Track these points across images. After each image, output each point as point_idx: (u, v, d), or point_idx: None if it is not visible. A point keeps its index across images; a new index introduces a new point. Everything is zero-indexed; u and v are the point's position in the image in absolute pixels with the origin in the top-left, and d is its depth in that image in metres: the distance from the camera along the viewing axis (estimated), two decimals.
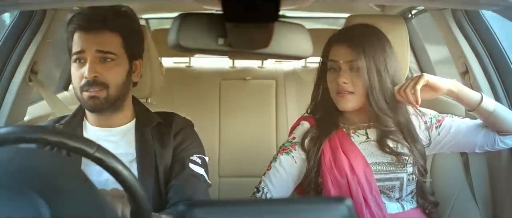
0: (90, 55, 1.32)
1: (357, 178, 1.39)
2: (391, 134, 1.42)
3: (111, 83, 1.33)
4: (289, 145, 1.48)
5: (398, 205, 1.45)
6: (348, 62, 1.39)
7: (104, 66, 1.33)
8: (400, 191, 1.43)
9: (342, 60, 1.40)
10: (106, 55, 1.33)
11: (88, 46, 1.32)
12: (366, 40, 1.40)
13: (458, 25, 1.77)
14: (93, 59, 1.32)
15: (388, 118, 1.40)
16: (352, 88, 1.39)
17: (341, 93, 1.40)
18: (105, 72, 1.32)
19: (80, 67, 1.33)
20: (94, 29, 1.33)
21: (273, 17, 0.93)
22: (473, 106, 1.40)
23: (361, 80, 1.38)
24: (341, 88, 1.39)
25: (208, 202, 1.01)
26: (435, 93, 1.39)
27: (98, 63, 1.32)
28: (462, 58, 1.77)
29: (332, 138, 1.45)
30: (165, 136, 1.40)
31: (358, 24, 1.51)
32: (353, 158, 1.41)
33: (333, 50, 1.43)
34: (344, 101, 1.40)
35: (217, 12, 0.98)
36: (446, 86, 1.38)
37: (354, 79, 1.39)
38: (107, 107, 1.35)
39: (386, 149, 1.42)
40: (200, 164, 1.38)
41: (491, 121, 1.42)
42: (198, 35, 1.00)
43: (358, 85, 1.39)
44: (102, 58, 1.32)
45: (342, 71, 1.40)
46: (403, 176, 1.43)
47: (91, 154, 0.76)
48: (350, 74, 1.39)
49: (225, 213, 0.67)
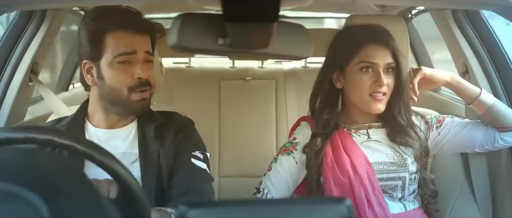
0: (141, 56, 1.32)
1: (359, 178, 1.39)
2: (401, 131, 1.43)
3: (153, 84, 1.36)
4: (289, 145, 1.48)
5: (400, 205, 1.45)
6: (386, 64, 1.39)
7: (148, 66, 1.34)
8: (403, 190, 1.44)
9: (381, 62, 1.39)
10: (150, 57, 1.35)
11: (138, 46, 1.31)
12: (394, 42, 1.41)
13: (458, 25, 1.77)
14: (144, 60, 1.32)
15: (401, 116, 1.42)
16: (386, 89, 1.40)
17: (376, 96, 1.39)
18: (150, 73, 1.34)
19: (128, 67, 1.31)
20: (137, 29, 1.32)
21: (273, 17, 0.93)
22: (471, 98, 1.42)
23: (393, 82, 1.40)
24: (378, 90, 1.39)
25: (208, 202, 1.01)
26: (433, 86, 1.41)
27: (145, 64, 1.33)
28: (462, 58, 1.77)
29: (333, 138, 1.45)
30: (167, 135, 1.40)
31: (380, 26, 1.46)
32: (355, 157, 1.41)
33: (369, 50, 1.40)
34: (378, 104, 1.40)
35: (217, 12, 0.98)
36: (444, 78, 1.42)
37: (388, 81, 1.39)
38: (148, 108, 1.38)
39: (397, 142, 1.43)
40: (202, 159, 1.38)
41: (490, 115, 1.43)
42: (198, 35, 1.00)
43: (390, 87, 1.40)
44: (147, 60, 1.34)
45: (380, 73, 1.38)
46: (405, 175, 1.43)
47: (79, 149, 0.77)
48: (385, 76, 1.39)
49: (225, 213, 0.67)
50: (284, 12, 2.03)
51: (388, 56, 1.39)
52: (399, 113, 1.42)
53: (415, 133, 1.45)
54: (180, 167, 1.35)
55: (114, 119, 1.38)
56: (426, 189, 1.49)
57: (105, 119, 1.38)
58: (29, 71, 1.79)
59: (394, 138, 1.44)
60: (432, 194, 1.50)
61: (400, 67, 1.39)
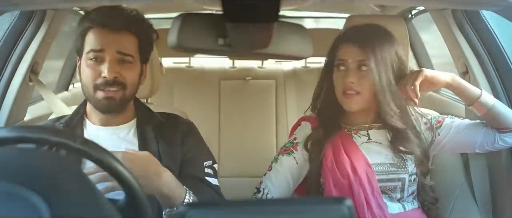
0: (110, 55, 1.30)
1: (359, 179, 1.39)
2: (400, 134, 1.42)
3: (129, 85, 1.33)
4: (290, 145, 1.48)
5: (399, 205, 1.45)
6: (357, 61, 1.38)
7: (122, 67, 1.32)
8: (402, 191, 1.43)
9: (351, 59, 1.38)
10: (125, 57, 1.32)
11: (108, 45, 1.30)
12: (376, 41, 1.39)
13: (458, 25, 1.77)
14: (113, 59, 1.30)
15: (397, 118, 1.40)
16: (359, 88, 1.38)
17: (347, 94, 1.39)
18: (123, 73, 1.32)
19: (96, 65, 1.31)
20: (115, 28, 1.31)
21: (273, 17, 0.93)
22: (472, 100, 1.42)
23: (368, 81, 1.37)
24: (348, 88, 1.38)
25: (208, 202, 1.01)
26: (433, 87, 1.40)
27: (116, 63, 1.31)
28: (462, 58, 1.77)
29: (334, 138, 1.45)
30: (169, 136, 1.40)
31: (368, 24, 1.48)
32: (355, 158, 1.41)
33: (342, 49, 1.41)
34: (350, 102, 1.40)
35: (217, 12, 0.98)
36: (445, 80, 1.40)
37: (362, 79, 1.38)
38: (119, 109, 1.35)
39: (398, 149, 1.42)
40: (213, 175, 1.40)
41: (490, 116, 1.43)
42: (198, 35, 1.00)
43: (365, 86, 1.38)
44: (120, 60, 1.32)
45: (350, 71, 1.38)
46: (404, 176, 1.43)
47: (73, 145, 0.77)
48: (358, 74, 1.38)
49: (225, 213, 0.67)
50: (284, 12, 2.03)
51: (360, 54, 1.37)
52: (387, 115, 1.39)
53: (417, 135, 1.44)
54: (195, 184, 1.32)
55: (111, 116, 1.38)
56: (426, 196, 1.49)
57: (99, 115, 1.38)
58: (29, 71, 1.79)
59: (395, 145, 1.43)
60: (432, 201, 1.50)
61: (372, 66, 1.36)
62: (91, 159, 0.79)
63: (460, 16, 1.76)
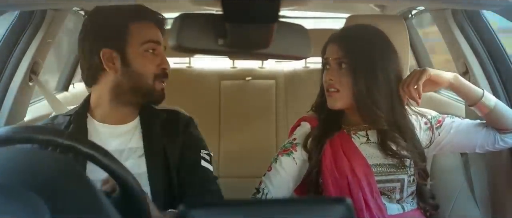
0: (162, 49, 1.37)
1: (357, 179, 1.39)
2: (388, 135, 1.41)
3: None
4: (289, 145, 1.48)
5: (398, 206, 1.45)
6: (335, 59, 1.40)
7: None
8: (401, 192, 1.43)
9: (331, 57, 1.41)
10: (164, 51, 1.39)
11: (161, 39, 1.37)
12: (359, 40, 1.41)
13: (458, 25, 1.77)
14: (163, 52, 1.38)
15: (380, 119, 1.39)
16: (338, 86, 1.39)
17: (329, 91, 1.41)
18: (169, 65, 1.40)
19: (154, 57, 1.35)
20: (158, 25, 1.38)
21: (273, 17, 0.93)
22: (474, 100, 1.41)
23: (347, 79, 1.38)
24: (329, 85, 1.41)
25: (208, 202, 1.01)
26: (436, 87, 1.40)
27: (164, 55, 1.38)
28: (462, 58, 1.77)
29: (333, 139, 1.45)
30: (173, 132, 1.41)
31: (357, 25, 1.51)
32: (354, 159, 1.41)
33: (327, 48, 1.45)
34: (330, 99, 1.42)
35: (217, 12, 0.98)
36: (448, 79, 1.39)
37: (341, 77, 1.39)
38: None
39: (387, 151, 1.41)
40: (209, 161, 1.42)
41: (491, 117, 1.42)
42: (198, 36, 1.00)
43: (344, 84, 1.39)
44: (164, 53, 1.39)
45: (330, 68, 1.41)
46: (404, 177, 1.42)
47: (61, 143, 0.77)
48: (338, 73, 1.40)
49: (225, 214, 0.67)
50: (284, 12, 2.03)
51: (338, 53, 1.40)
52: (370, 115, 1.39)
53: (412, 136, 1.43)
54: (192, 167, 1.38)
55: (120, 112, 1.38)
56: (426, 204, 1.49)
57: (110, 112, 1.38)
58: (29, 71, 1.80)
59: (384, 145, 1.42)
60: (433, 207, 1.50)
61: (351, 64, 1.37)
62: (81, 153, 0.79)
63: (460, 16, 1.76)
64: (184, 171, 1.37)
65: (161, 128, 1.40)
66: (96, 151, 0.79)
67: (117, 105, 1.38)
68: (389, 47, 1.42)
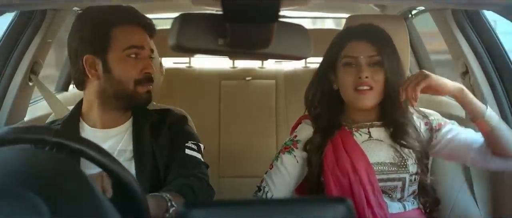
0: (147, 52, 1.36)
1: (359, 178, 1.38)
2: (403, 131, 1.42)
3: (154, 79, 1.39)
4: (290, 143, 1.48)
5: (399, 205, 1.45)
6: (368, 57, 1.39)
7: (152, 63, 1.38)
8: (402, 191, 1.43)
9: (362, 55, 1.39)
10: (152, 54, 1.39)
11: (145, 43, 1.35)
12: (384, 38, 1.43)
13: (458, 25, 1.77)
14: (148, 56, 1.36)
15: (400, 113, 1.41)
16: (373, 83, 1.39)
17: (360, 90, 1.39)
18: (153, 69, 1.38)
19: (136, 61, 1.34)
20: (144, 27, 1.36)
21: (273, 17, 0.93)
22: (475, 115, 1.35)
23: (380, 76, 1.39)
24: (363, 83, 1.38)
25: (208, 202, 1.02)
26: (437, 94, 1.39)
27: (149, 60, 1.37)
28: (462, 58, 1.77)
29: (334, 137, 1.44)
30: (161, 132, 1.41)
31: (369, 24, 1.48)
32: (355, 157, 1.41)
33: (351, 46, 1.42)
34: (364, 98, 1.39)
35: (217, 12, 0.98)
36: (450, 92, 1.35)
37: (374, 74, 1.39)
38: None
39: (399, 143, 1.42)
40: (196, 150, 1.40)
41: (492, 136, 1.36)
42: (198, 36, 1.00)
43: (377, 81, 1.39)
44: (150, 57, 1.38)
45: (363, 66, 1.39)
46: (405, 176, 1.42)
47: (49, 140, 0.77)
48: (371, 70, 1.39)
49: (226, 213, 0.67)
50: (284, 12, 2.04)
51: (371, 50, 1.39)
52: (395, 110, 1.41)
53: (417, 132, 1.44)
54: (175, 158, 1.37)
55: (111, 116, 1.38)
56: (427, 198, 1.48)
57: (101, 116, 1.38)
58: (29, 71, 1.80)
59: (396, 139, 1.43)
60: (434, 202, 1.50)
61: (383, 61, 1.38)
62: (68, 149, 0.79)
63: (460, 16, 1.76)
64: (169, 162, 1.37)
65: (151, 129, 1.40)
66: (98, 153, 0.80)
67: (106, 110, 1.38)
68: (394, 45, 1.45)
